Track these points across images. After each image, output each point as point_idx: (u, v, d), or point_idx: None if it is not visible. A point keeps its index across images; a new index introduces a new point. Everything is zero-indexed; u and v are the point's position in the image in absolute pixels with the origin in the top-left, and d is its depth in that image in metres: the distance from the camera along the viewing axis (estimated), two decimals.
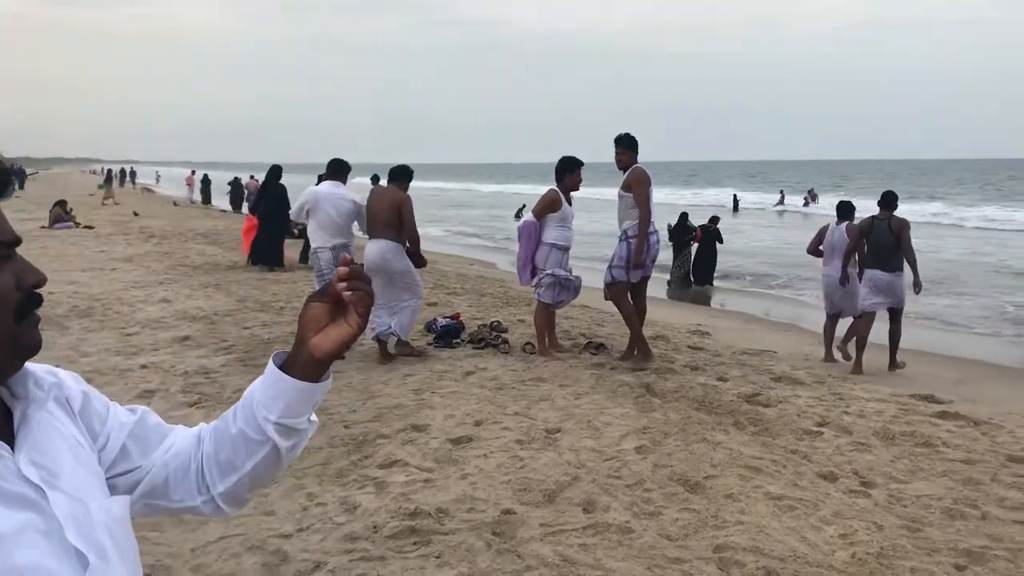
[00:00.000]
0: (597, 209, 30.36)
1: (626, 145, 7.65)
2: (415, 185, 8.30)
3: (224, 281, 12.58)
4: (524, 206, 36.82)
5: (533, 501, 4.34)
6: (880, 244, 8.40)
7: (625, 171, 7.61)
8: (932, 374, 8.56)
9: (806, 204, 45.15)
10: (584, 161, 7.77)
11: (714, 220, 16.90)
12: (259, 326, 9.07)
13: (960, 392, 7.49)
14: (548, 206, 7.60)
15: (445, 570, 3.59)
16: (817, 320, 10.20)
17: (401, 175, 7.73)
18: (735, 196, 44.81)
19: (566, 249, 7.69)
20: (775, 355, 8.49)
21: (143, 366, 7.26)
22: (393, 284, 7.45)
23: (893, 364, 8.42)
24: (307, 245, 11.47)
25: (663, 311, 11.35)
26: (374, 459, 4.97)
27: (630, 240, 7.49)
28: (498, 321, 8.93)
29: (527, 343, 8.00)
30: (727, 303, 14.75)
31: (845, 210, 9.25)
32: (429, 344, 8.10)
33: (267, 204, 14.17)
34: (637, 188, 7.42)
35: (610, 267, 7.70)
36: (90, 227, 22.38)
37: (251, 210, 16.68)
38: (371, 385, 6.63)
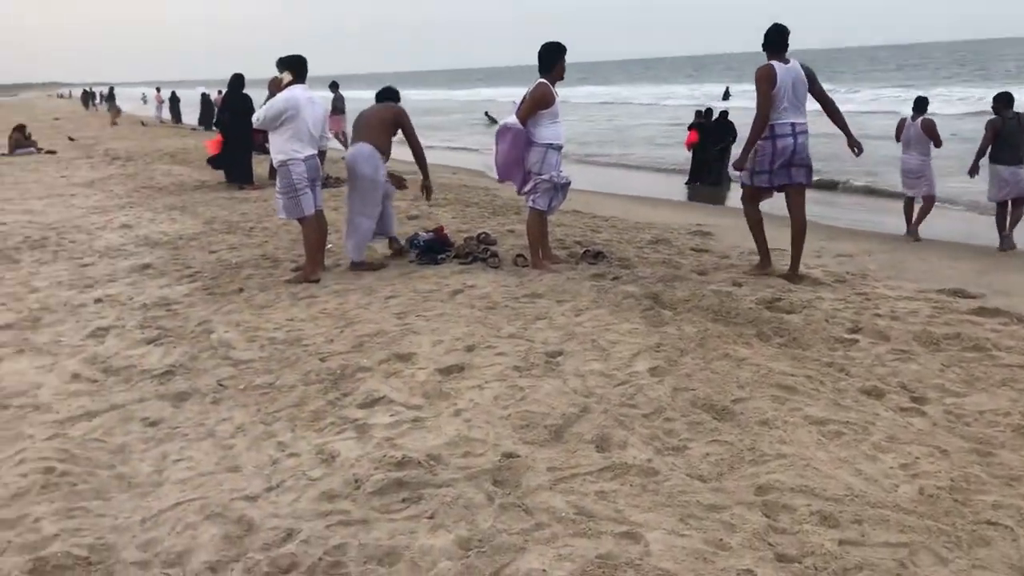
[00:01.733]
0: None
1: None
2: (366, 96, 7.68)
3: (191, 202, 11.79)
4: (487, 112, 36.64)
5: (538, 440, 3.75)
6: (1010, 140, 9.09)
7: None
8: (949, 265, 7.98)
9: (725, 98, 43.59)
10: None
11: (724, 114, 16.07)
12: (226, 249, 8.37)
13: (988, 284, 6.91)
14: (540, 102, 6.78)
15: (440, 534, 3.01)
16: (818, 212, 9.68)
17: (391, 95, 7.67)
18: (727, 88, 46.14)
19: (560, 148, 6.95)
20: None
21: (98, 300, 6.59)
22: (354, 191, 7.20)
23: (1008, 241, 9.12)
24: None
25: (660, 213, 10.66)
26: (354, 397, 4.36)
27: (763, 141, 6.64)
28: (486, 233, 8.24)
29: (518, 255, 7.33)
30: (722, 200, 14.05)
31: (920, 105, 10.09)
32: (411, 262, 7.43)
33: (231, 117, 13.25)
34: (757, 85, 6.53)
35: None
36: (52, 152, 21.35)
37: (215, 124, 15.75)
38: (349, 310, 5.99)
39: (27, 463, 3.73)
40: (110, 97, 40.53)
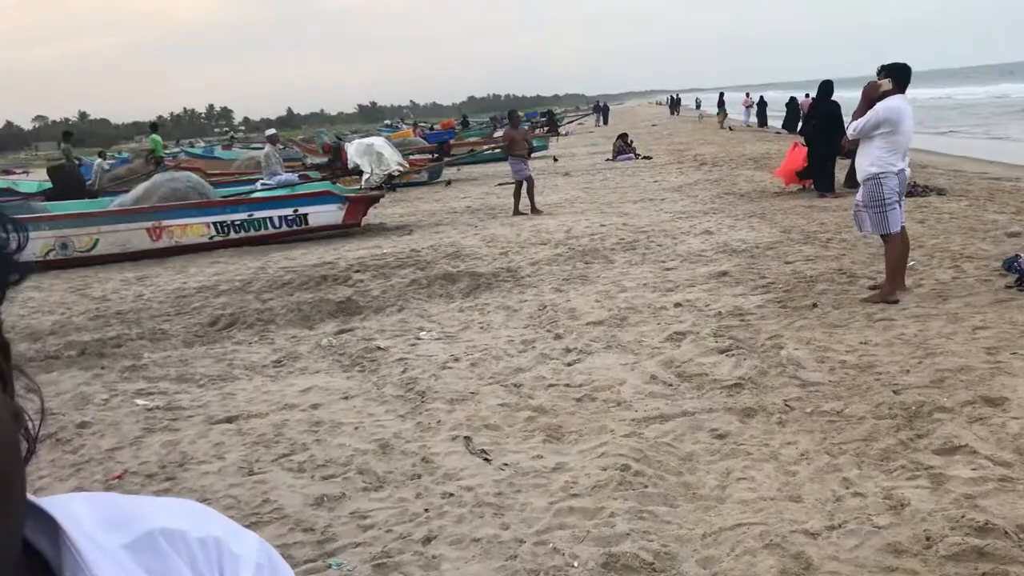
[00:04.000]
0: None
1: None
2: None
3: (769, 210, 11.96)
4: None
5: None
6: None
7: None
8: None
9: None
10: None
11: None
12: (802, 260, 8.30)
13: None
14: None
15: None
16: None
17: None
18: None
19: None
20: None
21: (677, 304, 7.02)
22: None
23: None
24: (852, 167, 10.21)
25: None
26: (930, 440, 3.99)
27: None
28: None
29: None
30: None
31: None
32: (1008, 287, 6.57)
33: (816, 124, 13.12)
34: None
35: None
36: (648, 157, 23.37)
37: (800, 132, 15.71)
38: (930, 338, 5.51)
39: (607, 457, 4.11)
40: (720, 103, 42.98)
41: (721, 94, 46.04)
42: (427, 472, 4.12)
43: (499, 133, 41.15)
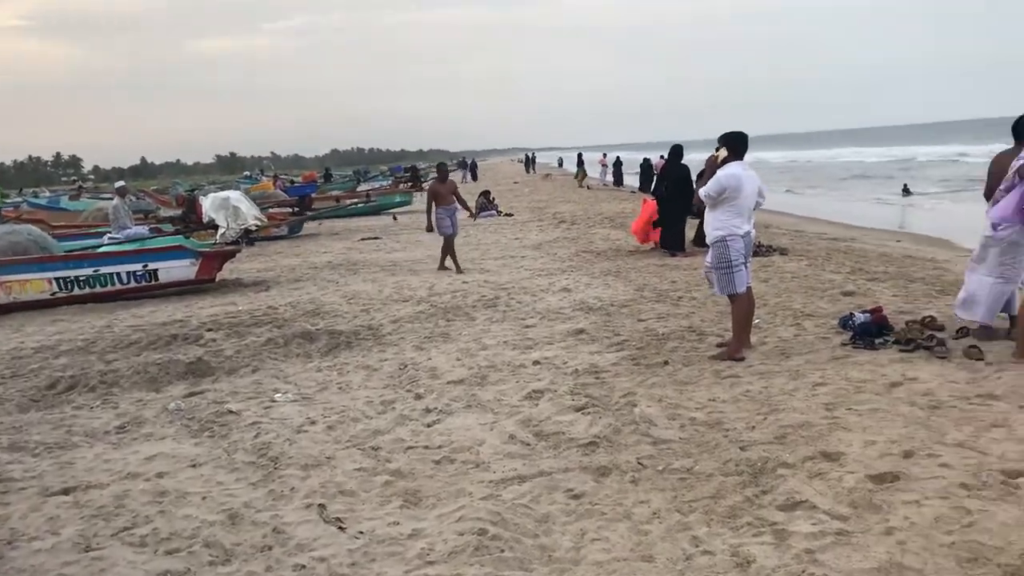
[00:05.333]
0: None
1: None
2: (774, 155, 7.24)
3: (624, 268, 12.33)
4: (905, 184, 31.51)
5: None
6: None
7: None
8: None
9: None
10: None
11: None
12: (654, 318, 8.57)
13: None
14: None
15: None
16: None
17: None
18: None
19: None
20: None
21: (536, 362, 7.09)
22: None
23: None
24: (701, 227, 10.62)
25: None
26: (774, 495, 4.15)
27: None
28: (932, 316, 7.48)
29: (972, 346, 6.51)
30: None
31: None
32: (844, 344, 6.97)
33: (668, 186, 13.70)
34: None
35: None
36: (510, 215, 23.74)
37: (653, 192, 16.33)
38: (773, 395, 5.76)
39: (465, 521, 4.07)
40: (579, 163, 44.31)
41: (580, 154, 47.47)
42: (278, 543, 3.97)
43: (364, 187, 40.98)
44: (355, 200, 30.43)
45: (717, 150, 7.01)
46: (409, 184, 38.15)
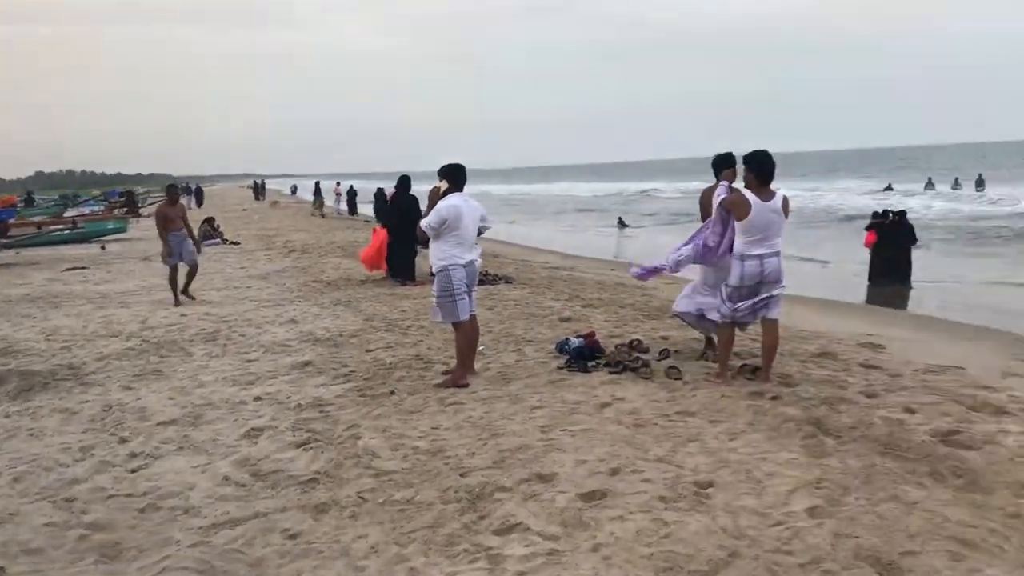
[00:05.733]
0: None
1: None
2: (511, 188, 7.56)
3: (355, 297, 12.20)
4: (620, 218, 33.95)
5: None
6: None
7: None
8: None
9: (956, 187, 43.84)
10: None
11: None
12: (383, 348, 8.53)
13: None
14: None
15: None
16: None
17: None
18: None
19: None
20: (964, 372, 7.19)
21: (257, 398, 6.81)
22: None
23: None
24: None
25: (828, 320, 10.11)
26: (490, 521, 4.22)
27: None
28: (638, 340, 8.03)
29: (671, 367, 7.04)
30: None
31: None
32: (560, 368, 7.30)
33: (397, 216, 13.75)
34: None
35: None
36: (236, 243, 22.82)
37: (383, 222, 16.33)
38: (494, 420, 5.89)
39: (168, 572, 3.79)
40: (316, 192, 43.24)
41: (317, 182, 46.63)
42: None
43: (72, 212, 37.79)
44: (60, 227, 27.97)
45: (440, 181, 7.13)
46: (124, 210, 35.68)
